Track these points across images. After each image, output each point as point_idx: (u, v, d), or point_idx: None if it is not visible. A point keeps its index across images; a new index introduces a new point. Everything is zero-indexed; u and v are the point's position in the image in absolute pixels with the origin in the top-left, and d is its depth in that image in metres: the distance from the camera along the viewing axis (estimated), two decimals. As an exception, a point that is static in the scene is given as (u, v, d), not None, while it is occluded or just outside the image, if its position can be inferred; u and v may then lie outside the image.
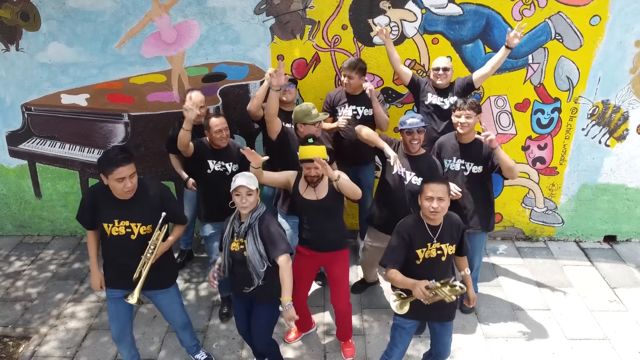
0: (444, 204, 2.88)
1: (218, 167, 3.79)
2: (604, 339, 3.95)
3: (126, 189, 2.86)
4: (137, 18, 4.37)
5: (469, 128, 3.65)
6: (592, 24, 4.29)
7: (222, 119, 3.70)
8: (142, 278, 3.00)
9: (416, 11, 4.29)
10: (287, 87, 4.04)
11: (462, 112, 3.63)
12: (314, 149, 3.25)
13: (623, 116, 4.65)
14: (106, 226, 2.97)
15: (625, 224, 5.14)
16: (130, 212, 2.97)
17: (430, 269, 2.95)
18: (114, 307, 3.20)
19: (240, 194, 3.00)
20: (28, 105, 4.79)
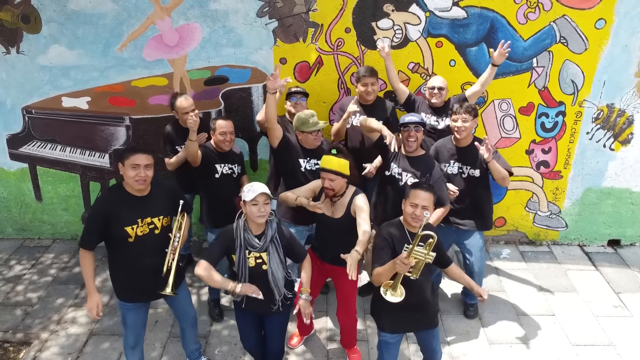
0: (427, 213, 2.84)
1: (226, 170, 3.79)
2: (609, 345, 3.92)
3: (138, 177, 2.87)
4: (138, 21, 4.34)
5: (465, 132, 3.64)
6: (597, 27, 4.26)
7: (229, 122, 3.70)
8: (173, 267, 3.01)
9: (420, 14, 4.26)
10: (297, 100, 4.03)
11: (458, 116, 3.62)
12: (337, 161, 3.18)
13: (628, 120, 4.62)
14: (130, 230, 2.94)
15: (630, 228, 5.11)
16: (149, 208, 3.00)
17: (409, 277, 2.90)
18: (133, 316, 3.21)
19: (258, 203, 2.83)
20: (29, 108, 4.76)
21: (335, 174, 3.18)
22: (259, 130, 4.77)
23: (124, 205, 2.93)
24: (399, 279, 2.85)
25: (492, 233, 5.16)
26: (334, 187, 3.20)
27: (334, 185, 3.20)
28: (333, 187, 3.20)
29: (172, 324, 4.09)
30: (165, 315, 4.18)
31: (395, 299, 2.85)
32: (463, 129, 3.62)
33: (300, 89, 4.11)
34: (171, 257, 3.03)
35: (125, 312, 3.21)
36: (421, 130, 3.55)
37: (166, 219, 3.07)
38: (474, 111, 3.64)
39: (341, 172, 3.19)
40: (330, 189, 3.22)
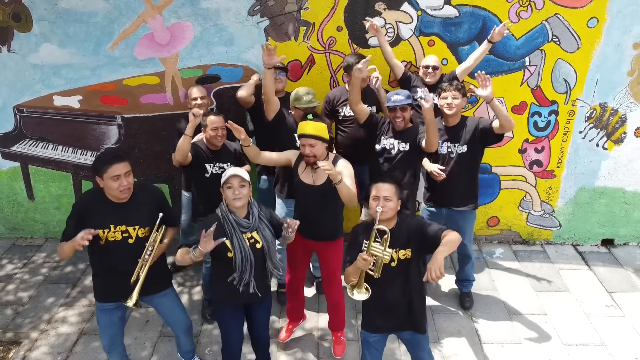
0: (391, 204, 2.76)
1: (216, 170, 3.73)
2: (600, 344, 3.91)
3: (121, 187, 2.81)
4: (130, 19, 4.33)
5: (456, 109, 3.60)
6: (589, 26, 4.25)
7: (220, 117, 3.66)
8: (140, 280, 2.92)
9: (412, 13, 4.25)
10: (277, 75, 3.98)
11: (448, 93, 3.59)
12: (313, 125, 3.15)
13: (621, 119, 4.61)
14: (101, 232, 2.87)
15: (623, 228, 5.10)
16: (126, 216, 2.92)
17: (383, 274, 2.79)
18: (106, 318, 3.15)
19: (233, 186, 2.83)
20: (20, 107, 4.74)
21: (315, 138, 3.14)
22: (251, 129, 4.75)
23: (101, 208, 2.89)
24: (362, 276, 2.78)
25: (485, 232, 5.15)
26: (315, 152, 3.15)
27: (315, 151, 3.15)
28: (314, 153, 3.15)
29: (163, 324, 4.07)
30: (155, 315, 4.16)
31: (361, 297, 2.80)
32: (454, 106, 3.58)
33: (280, 63, 4.00)
34: (140, 270, 2.93)
35: (98, 312, 3.15)
36: (407, 109, 3.54)
37: (143, 229, 2.97)
38: (463, 89, 3.62)
39: (321, 136, 3.16)
40: (312, 156, 3.16)
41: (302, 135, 3.18)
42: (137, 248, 2.95)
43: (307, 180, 3.29)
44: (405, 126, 3.62)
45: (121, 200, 2.91)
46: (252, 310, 3.19)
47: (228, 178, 2.85)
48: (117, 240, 2.92)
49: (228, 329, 3.17)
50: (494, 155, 4.75)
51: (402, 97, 3.52)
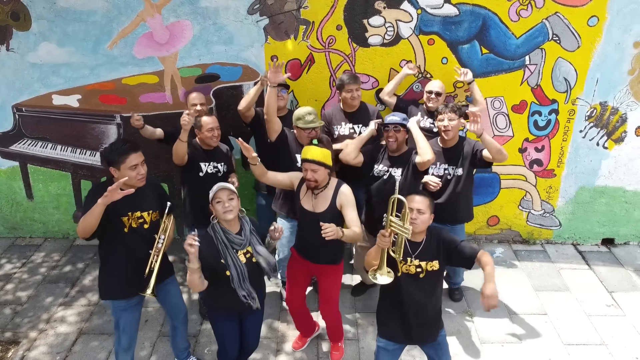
0: (424, 217, 2.78)
1: (211, 169, 3.77)
2: (601, 344, 3.90)
3: (139, 175, 2.92)
4: (129, 18, 4.31)
5: (452, 132, 3.64)
6: (589, 24, 4.24)
7: (213, 117, 3.71)
8: (155, 269, 2.97)
9: (412, 11, 4.23)
10: (278, 92, 3.98)
11: (444, 115, 3.61)
12: (317, 150, 3.13)
13: (621, 118, 4.60)
14: (125, 220, 2.96)
15: (624, 227, 5.09)
16: (139, 202, 3.00)
17: (409, 285, 2.85)
18: (130, 315, 3.19)
19: (222, 200, 2.83)
20: (19, 106, 4.73)
21: (318, 164, 3.11)
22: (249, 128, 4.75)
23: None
24: (384, 258, 2.79)
25: (485, 232, 5.14)
26: (317, 178, 3.12)
27: (317, 177, 3.12)
28: (316, 179, 3.12)
29: (162, 323, 4.07)
30: (155, 315, 4.16)
31: (384, 280, 2.78)
32: (450, 128, 3.62)
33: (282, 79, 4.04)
34: (154, 259, 2.99)
35: (120, 313, 3.17)
36: (401, 130, 3.52)
37: (155, 213, 3.09)
38: (459, 110, 3.64)
39: (324, 163, 3.13)
40: (313, 181, 3.13)
41: (305, 160, 3.15)
42: (151, 233, 3.05)
43: (307, 206, 3.27)
44: (398, 148, 3.59)
45: (140, 185, 2.98)
46: (244, 319, 3.20)
47: (216, 193, 2.85)
48: (136, 227, 3.00)
49: (225, 340, 3.19)
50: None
51: (398, 119, 3.51)
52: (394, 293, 2.91)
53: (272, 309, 4.22)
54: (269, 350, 3.83)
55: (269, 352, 3.81)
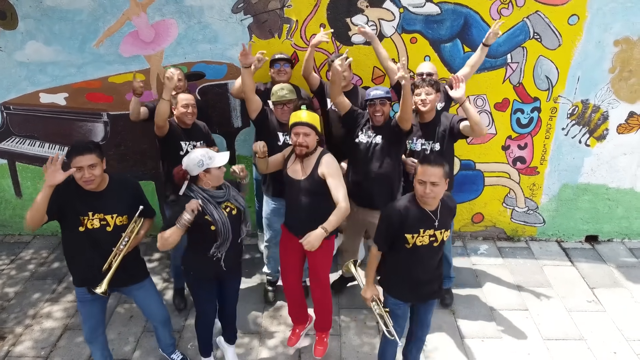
0: (438, 189, 2.73)
1: (190, 148, 3.76)
2: (580, 339, 3.94)
3: (83, 179, 2.82)
4: (114, 17, 4.35)
5: (430, 105, 3.61)
6: (570, 23, 4.28)
7: (190, 95, 3.75)
8: (112, 269, 2.97)
9: (394, 10, 4.27)
10: (280, 66, 4.00)
11: (422, 89, 3.59)
12: (307, 113, 3.14)
13: (603, 116, 4.64)
14: (82, 219, 2.91)
15: (607, 224, 5.13)
16: (104, 205, 2.96)
17: (422, 255, 2.91)
18: (87, 307, 3.18)
19: (221, 167, 2.97)
20: (7, 104, 4.77)
21: (309, 126, 3.12)
22: (236, 126, 4.80)
23: (79, 195, 2.91)
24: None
25: (470, 229, 5.18)
26: (308, 142, 3.12)
27: (308, 141, 3.12)
28: (307, 143, 3.12)
29: (147, 319, 4.09)
30: (139, 310, 4.15)
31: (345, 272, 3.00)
32: (428, 102, 3.58)
33: (284, 55, 4.05)
34: (114, 258, 2.98)
35: (79, 303, 3.18)
36: (387, 103, 3.55)
37: (121, 217, 3.00)
38: (436, 84, 3.61)
39: (314, 126, 3.15)
40: (305, 146, 3.13)
41: (296, 123, 3.15)
42: (115, 237, 3.00)
43: (292, 174, 3.28)
44: (384, 121, 3.62)
45: (94, 189, 2.92)
46: (223, 282, 3.31)
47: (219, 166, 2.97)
48: (95, 228, 2.95)
49: (202, 300, 3.28)
50: (478, 152, 4.79)
51: (381, 92, 3.52)
52: (405, 259, 2.95)
53: (255, 304, 4.27)
54: (252, 345, 3.87)
55: (252, 348, 3.85)
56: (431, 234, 2.88)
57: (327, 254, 3.45)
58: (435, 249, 2.93)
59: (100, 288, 2.95)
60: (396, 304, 3.10)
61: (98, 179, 2.89)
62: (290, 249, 3.47)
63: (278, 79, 3.98)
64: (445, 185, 2.79)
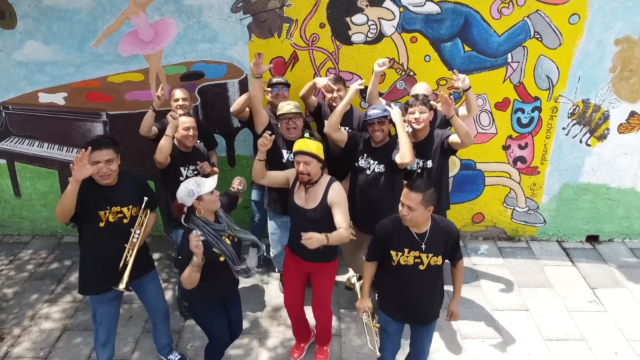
0: (414, 214, 2.74)
1: (190, 173, 3.76)
2: (581, 339, 3.93)
3: (100, 173, 2.87)
4: (113, 16, 4.34)
5: (424, 123, 3.62)
6: (571, 22, 4.27)
7: (191, 118, 3.72)
8: (130, 264, 3.00)
9: (394, 9, 4.26)
10: (279, 90, 4.02)
11: (415, 108, 3.60)
12: (309, 142, 3.13)
13: (604, 115, 4.62)
14: (102, 214, 2.96)
15: (608, 224, 5.12)
16: (118, 198, 3.01)
17: (407, 275, 2.90)
18: (106, 309, 3.20)
19: (214, 192, 2.92)
20: (5, 104, 4.76)
21: (310, 155, 3.09)
22: (236, 126, 4.78)
23: (94, 191, 2.93)
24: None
25: (470, 229, 5.17)
26: (310, 170, 3.09)
27: (310, 169, 3.09)
28: (309, 171, 3.09)
29: (146, 320, 4.09)
30: (139, 311, 4.18)
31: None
32: (421, 120, 3.59)
33: (282, 79, 4.10)
34: (129, 253, 3.02)
35: (96, 306, 3.19)
36: (385, 122, 3.54)
37: (135, 208, 3.08)
38: (429, 103, 3.64)
39: (316, 155, 3.11)
40: (306, 174, 3.10)
41: (298, 152, 3.13)
42: (130, 228, 3.05)
43: (299, 202, 3.24)
44: (384, 139, 3.59)
45: (107, 184, 2.96)
46: (229, 306, 3.28)
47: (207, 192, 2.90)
48: (115, 221, 3.01)
49: (216, 328, 3.22)
50: (478, 152, 4.77)
51: (379, 111, 3.51)
52: (392, 277, 2.97)
53: (255, 305, 4.26)
54: (251, 346, 3.85)
55: (251, 349, 3.83)
56: (416, 255, 2.86)
57: (329, 275, 3.46)
58: (423, 273, 2.88)
59: (122, 284, 2.97)
60: (386, 321, 3.11)
61: (115, 174, 2.95)
62: (295, 271, 3.45)
63: (277, 102, 3.96)
64: (426, 212, 2.77)
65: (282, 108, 3.67)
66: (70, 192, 2.74)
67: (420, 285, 2.92)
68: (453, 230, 2.91)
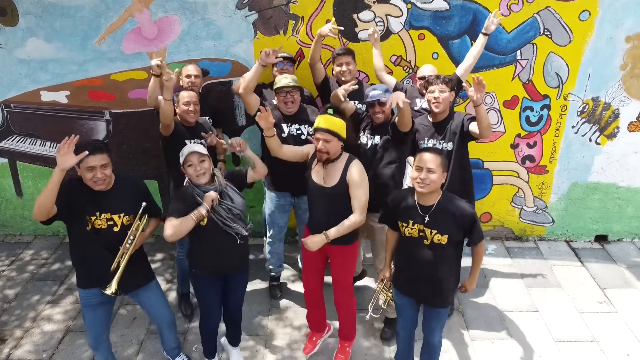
0: (434, 177, 2.68)
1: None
2: (592, 341, 3.86)
3: (95, 179, 2.78)
4: (116, 13, 4.28)
5: (443, 104, 3.43)
6: (581, 19, 4.20)
7: (192, 92, 3.66)
8: (120, 268, 2.92)
9: (402, 6, 4.20)
10: (283, 65, 3.92)
11: (435, 87, 3.40)
12: (331, 119, 3.00)
13: (614, 113, 4.56)
14: (88, 219, 2.87)
15: (617, 224, 5.05)
16: (111, 204, 2.91)
17: (413, 247, 2.86)
18: (92, 314, 3.11)
19: (193, 163, 2.88)
20: (7, 102, 4.70)
21: (331, 133, 2.97)
22: (240, 124, 4.72)
23: (86, 195, 2.85)
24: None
25: (477, 229, 5.10)
26: (329, 149, 2.97)
27: (329, 147, 2.97)
28: (328, 150, 2.98)
29: (150, 321, 4.03)
30: (143, 313, 4.10)
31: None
32: (440, 100, 3.40)
33: (287, 53, 3.98)
34: (121, 257, 2.92)
35: (84, 308, 3.11)
36: (385, 103, 3.39)
37: (128, 217, 2.96)
38: (451, 82, 3.45)
39: (337, 133, 2.99)
40: (325, 152, 2.99)
41: (318, 128, 3.01)
42: (121, 236, 2.95)
43: (317, 180, 3.13)
44: (385, 120, 3.47)
45: (104, 189, 2.88)
46: (229, 281, 3.24)
47: (187, 157, 2.90)
48: (102, 228, 2.90)
49: (207, 300, 3.22)
50: (486, 151, 4.71)
51: (380, 92, 3.35)
52: (401, 248, 2.99)
53: (260, 306, 4.20)
54: (257, 348, 3.79)
55: (257, 351, 3.77)
56: (420, 228, 2.82)
57: (350, 259, 3.34)
58: (427, 248, 2.83)
59: (110, 289, 2.89)
60: (397, 293, 3.11)
61: (109, 179, 2.86)
62: (314, 253, 3.31)
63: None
64: (442, 175, 2.73)
65: (280, 81, 3.55)
66: (52, 183, 2.55)
67: (425, 261, 2.85)
68: (465, 211, 2.78)
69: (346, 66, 3.79)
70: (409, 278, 3.00)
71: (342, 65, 3.80)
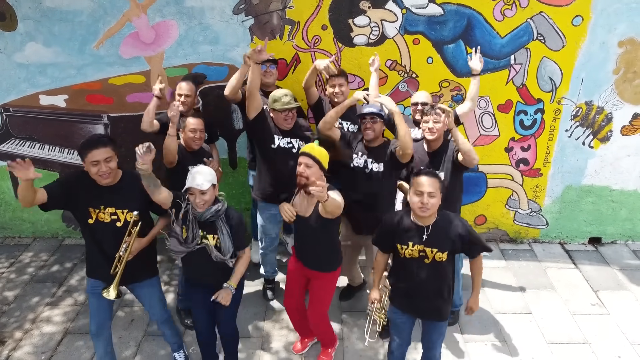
0: (434, 201, 2.76)
1: None
2: (584, 343, 3.91)
3: (100, 172, 2.83)
4: (114, 18, 4.32)
5: (438, 134, 3.49)
6: (574, 24, 4.25)
7: (199, 120, 3.66)
8: (118, 274, 2.97)
9: (396, 11, 4.24)
10: (267, 68, 3.97)
11: (429, 117, 3.46)
12: (317, 148, 3.09)
13: (607, 117, 4.61)
14: (92, 211, 2.93)
15: (610, 226, 5.10)
16: (116, 199, 2.96)
17: (413, 268, 2.91)
18: (95, 301, 3.18)
19: (195, 194, 2.89)
20: (6, 106, 4.74)
21: (314, 159, 3.05)
22: (237, 128, 4.76)
23: (93, 187, 2.90)
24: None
25: (472, 231, 5.15)
26: (309, 174, 3.04)
27: (309, 173, 3.04)
28: (307, 175, 3.04)
29: (148, 323, 4.08)
30: (141, 314, 4.17)
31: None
32: (435, 130, 3.46)
33: (270, 55, 3.93)
34: (118, 262, 2.98)
35: (90, 294, 3.18)
36: (378, 121, 3.49)
37: (131, 214, 2.99)
38: (448, 113, 3.48)
39: (320, 160, 3.07)
40: (304, 176, 3.05)
41: (302, 153, 3.11)
42: (124, 232, 3.00)
43: (300, 210, 3.21)
44: (374, 138, 3.53)
45: (107, 183, 2.92)
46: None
47: (191, 188, 2.89)
48: (105, 222, 2.96)
49: (195, 313, 3.25)
50: (480, 154, 4.70)
51: (374, 109, 3.45)
52: (400, 268, 3.00)
53: (256, 308, 4.24)
54: (253, 350, 3.83)
55: (253, 352, 3.82)
56: (420, 249, 2.87)
57: (330, 285, 3.43)
58: (429, 267, 2.89)
59: (109, 294, 2.95)
60: (395, 312, 3.14)
61: (114, 173, 2.91)
62: (297, 273, 3.45)
63: (265, 80, 3.95)
64: (440, 198, 2.81)
65: (280, 100, 3.59)
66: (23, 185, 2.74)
67: (426, 279, 2.92)
68: (457, 225, 2.87)
69: (339, 88, 3.87)
70: (409, 295, 3.02)
71: (335, 86, 3.87)
